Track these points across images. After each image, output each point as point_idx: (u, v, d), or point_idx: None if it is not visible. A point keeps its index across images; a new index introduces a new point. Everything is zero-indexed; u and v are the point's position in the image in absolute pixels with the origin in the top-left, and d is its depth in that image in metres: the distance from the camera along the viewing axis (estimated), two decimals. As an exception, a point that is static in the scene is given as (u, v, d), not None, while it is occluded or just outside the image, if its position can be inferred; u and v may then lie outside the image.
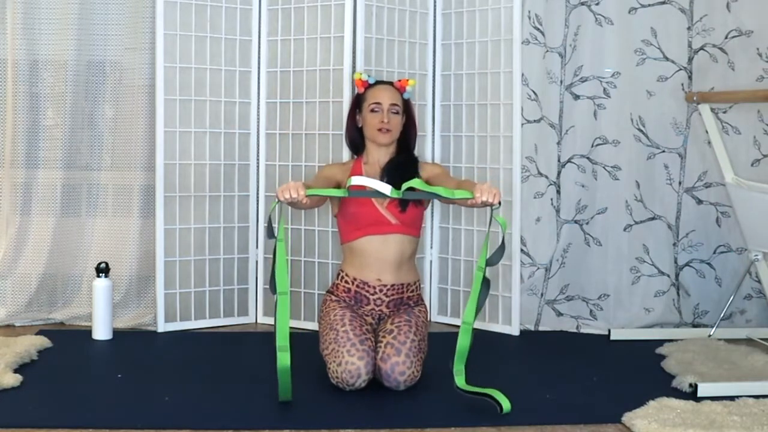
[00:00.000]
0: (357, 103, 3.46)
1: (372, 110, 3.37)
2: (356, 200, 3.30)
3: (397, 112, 3.39)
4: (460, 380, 3.00)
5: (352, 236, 3.33)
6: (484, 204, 2.96)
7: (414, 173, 3.34)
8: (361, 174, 3.35)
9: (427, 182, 3.30)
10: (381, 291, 3.32)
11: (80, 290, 4.14)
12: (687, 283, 4.22)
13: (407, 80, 3.46)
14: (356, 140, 3.47)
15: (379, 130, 3.35)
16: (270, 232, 3.03)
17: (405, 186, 3.02)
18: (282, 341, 2.93)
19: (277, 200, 2.99)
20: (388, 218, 3.31)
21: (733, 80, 4.16)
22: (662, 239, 4.21)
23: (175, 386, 3.16)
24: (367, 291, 3.32)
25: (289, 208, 3.87)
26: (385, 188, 3.03)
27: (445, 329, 4.10)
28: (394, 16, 4.12)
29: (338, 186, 3.32)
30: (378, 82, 3.47)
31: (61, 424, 2.73)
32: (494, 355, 3.67)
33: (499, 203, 2.97)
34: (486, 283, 3.01)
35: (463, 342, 3.00)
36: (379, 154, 3.41)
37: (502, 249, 3.02)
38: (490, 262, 3.01)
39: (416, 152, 3.53)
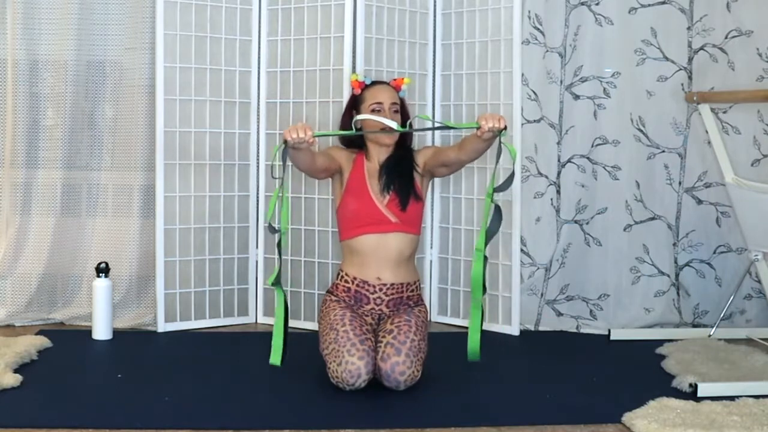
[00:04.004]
0: (353, 104, 3.45)
1: (373, 110, 3.36)
2: (356, 197, 3.32)
3: (397, 111, 3.39)
4: (475, 312, 3.00)
5: (351, 233, 3.33)
6: (491, 131, 2.97)
7: (411, 166, 3.36)
8: (363, 169, 3.36)
9: (425, 164, 3.36)
10: (381, 290, 3.31)
11: (80, 290, 4.14)
12: (687, 283, 4.22)
13: (402, 79, 3.46)
14: (355, 141, 3.46)
15: (383, 129, 3.35)
16: (272, 172, 3.08)
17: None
18: (271, 280, 3.05)
19: (282, 142, 2.98)
20: (388, 216, 3.31)
21: (733, 80, 4.16)
22: (662, 239, 4.21)
23: (175, 386, 3.16)
24: (367, 290, 3.32)
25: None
26: (392, 123, 3.13)
27: (445, 329, 4.10)
28: (394, 16, 4.12)
29: (339, 169, 3.35)
30: (374, 83, 3.46)
31: (61, 424, 2.73)
32: (494, 355, 3.65)
33: (505, 127, 2.98)
34: (497, 210, 3.00)
35: (477, 269, 2.99)
36: (379, 152, 3.41)
37: (511, 177, 3.03)
38: (500, 188, 3.01)
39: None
